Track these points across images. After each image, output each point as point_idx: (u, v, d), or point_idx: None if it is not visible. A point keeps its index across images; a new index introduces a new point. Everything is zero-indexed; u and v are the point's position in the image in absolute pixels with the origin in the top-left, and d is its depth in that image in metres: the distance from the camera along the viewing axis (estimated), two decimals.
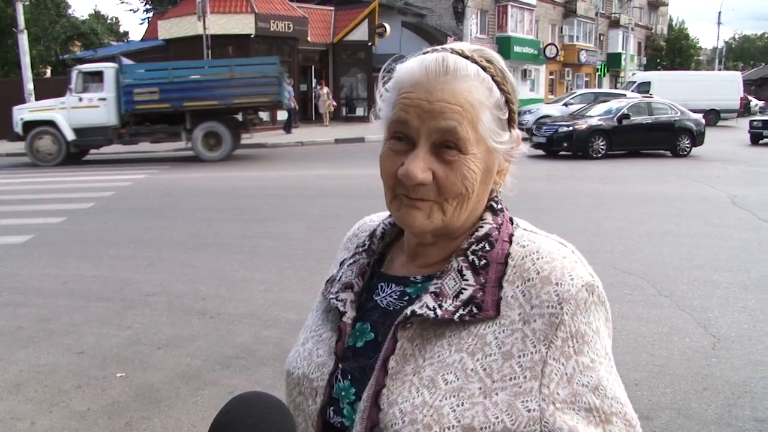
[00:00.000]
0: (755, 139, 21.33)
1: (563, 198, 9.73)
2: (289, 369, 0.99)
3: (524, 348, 0.82)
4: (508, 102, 0.90)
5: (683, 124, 17.31)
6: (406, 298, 0.92)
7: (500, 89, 0.89)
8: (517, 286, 0.86)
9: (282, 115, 25.37)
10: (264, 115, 24.57)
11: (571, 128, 16.27)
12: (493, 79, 0.88)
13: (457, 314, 0.84)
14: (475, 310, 0.84)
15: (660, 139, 17.17)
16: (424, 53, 0.90)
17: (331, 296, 0.98)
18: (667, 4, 64.89)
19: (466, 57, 0.88)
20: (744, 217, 8.51)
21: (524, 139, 1.00)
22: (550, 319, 0.82)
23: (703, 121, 17.94)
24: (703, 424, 3.25)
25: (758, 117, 22.95)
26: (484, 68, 0.88)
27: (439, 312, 0.84)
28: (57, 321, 4.90)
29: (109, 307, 5.20)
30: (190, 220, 8.70)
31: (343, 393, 0.91)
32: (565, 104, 22.44)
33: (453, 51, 0.89)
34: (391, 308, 0.93)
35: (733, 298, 5.22)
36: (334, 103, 26.08)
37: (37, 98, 19.33)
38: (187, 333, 4.61)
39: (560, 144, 16.45)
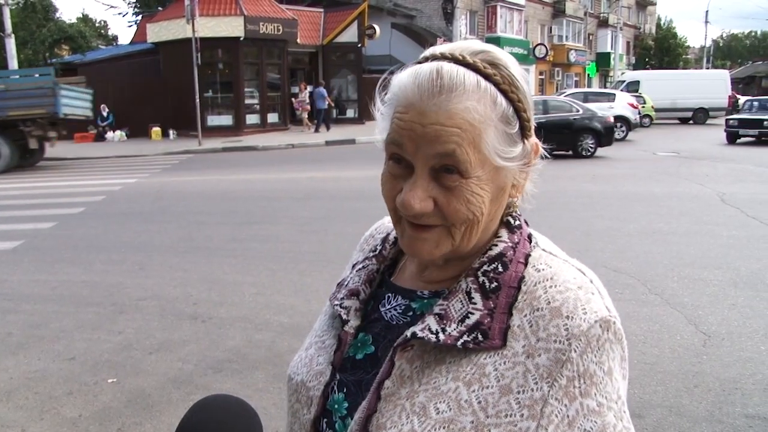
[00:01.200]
0: (732, 138, 20.57)
1: (553, 197, 9.75)
2: (290, 374, 0.97)
3: (525, 384, 0.75)
4: (518, 111, 0.81)
5: (585, 123, 16.51)
6: (410, 313, 0.88)
7: (507, 98, 0.80)
8: (525, 315, 0.79)
9: (273, 118, 25.38)
10: (254, 118, 24.64)
11: None
12: (498, 87, 0.79)
13: (461, 341, 0.78)
14: (480, 337, 0.78)
15: (558, 139, 15.83)
16: (420, 62, 0.82)
17: (336, 302, 0.94)
18: (655, 4, 65.29)
19: (467, 64, 0.79)
20: (733, 215, 8.56)
21: None
22: (557, 355, 0.75)
23: (612, 119, 17.28)
24: (695, 421, 3.27)
25: (735, 116, 21.93)
26: (486, 76, 0.79)
27: (441, 336, 0.79)
28: (47, 327, 4.87)
29: (99, 312, 5.18)
30: (181, 224, 8.67)
31: (336, 406, 0.87)
32: None
33: (452, 57, 0.80)
34: (394, 322, 0.88)
35: (722, 295, 5.25)
36: (306, 108, 24.67)
37: None
38: (179, 337, 4.59)
39: None
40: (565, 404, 0.74)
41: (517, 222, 0.88)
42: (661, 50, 60.71)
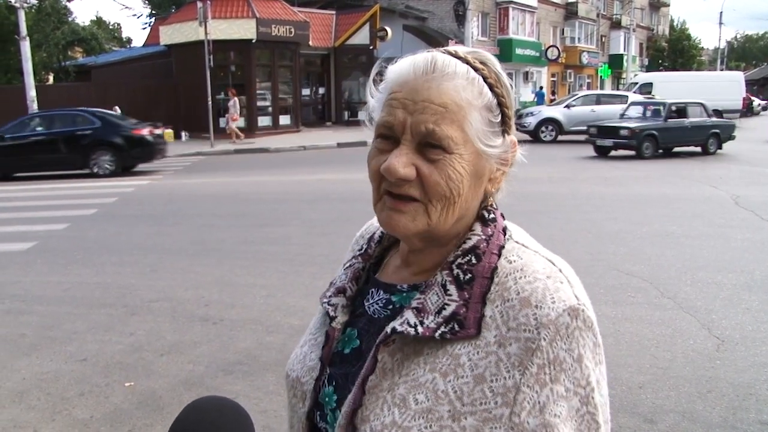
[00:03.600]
0: (600, 149, 17.07)
1: (565, 200, 9.71)
2: (287, 371, 1.01)
3: (497, 372, 0.78)
4: (501, 105, 0.87)
5: (100, 137, 14.00)
6: (391, 306, 0.91)
7: (493, 92, 0.86)
8: (497, 306, 0.82)
9: (284, 120, 25.46)
10: (266, 120, 24.74)
11: None
12: (485, 80, 0.85)
13: (439, 332, 0.82)
14: (456, 327, 0.81)
15: (59, 158, 14.10)
16: (417, 54, 0.89)
17: (324, 300, 0.99)
18: (669, 5, 64.88)
19: (459, 58, 0.86)
20: (747, 218, 8.49)
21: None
22: (527, 344, 0.78)
23: (144, 131, 14.66)
24: (708, 427, 3.23)
25: (596, 122, 18.07)
26: (476, 69, 0.85)
27: (420, 329, 0.82)
28: (59, 328, 4.90)
29: (111, 313, 5.20)
30: (193, 226, 8.70)
31: (327, 399, 0.92)
32: (567, 106, 22.39)
33: (446, 52, 0.87)
34: (377, 316, 0.92)
35: (736, 299, 5.20)
36: (234, 117, 21.97)
37: (40, 105, 19.40)
38: (190, 339, 4.60)
39: None
40: (537, 391, 0.77)
41: (492, 215, 0.91)
42: (674, 52, 60.29)
